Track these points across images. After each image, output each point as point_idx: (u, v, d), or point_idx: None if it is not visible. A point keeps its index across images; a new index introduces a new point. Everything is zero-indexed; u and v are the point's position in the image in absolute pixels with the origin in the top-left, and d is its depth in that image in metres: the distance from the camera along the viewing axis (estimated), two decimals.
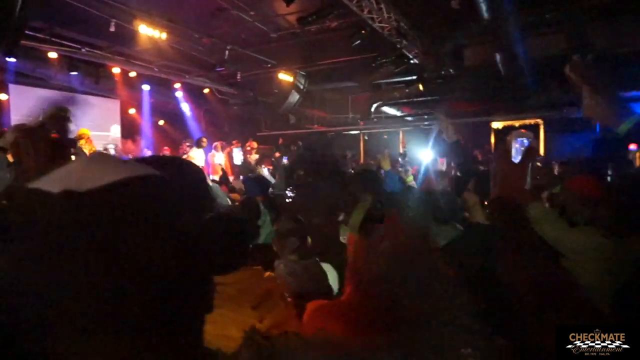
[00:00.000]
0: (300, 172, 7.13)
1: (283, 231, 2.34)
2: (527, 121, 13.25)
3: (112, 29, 8.22)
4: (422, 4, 8.01)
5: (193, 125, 14.63)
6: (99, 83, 11.15)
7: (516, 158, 1.16)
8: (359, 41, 8.81)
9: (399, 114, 14.54)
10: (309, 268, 2.05)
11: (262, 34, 9.67)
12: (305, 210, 3.18)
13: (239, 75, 12.25)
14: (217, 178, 7.99)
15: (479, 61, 9.79)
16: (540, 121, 13.05)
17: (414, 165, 8.58)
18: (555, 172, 6.42)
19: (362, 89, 12.71)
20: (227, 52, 10.50)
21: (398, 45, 9.01)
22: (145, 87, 12.41)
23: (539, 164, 6.26)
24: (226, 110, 14.84)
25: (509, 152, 1.16)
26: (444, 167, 6.46)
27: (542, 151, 12.75)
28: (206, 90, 13.44)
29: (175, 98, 13.63)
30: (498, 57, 8.50)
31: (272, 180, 6.70)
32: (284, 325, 1.39)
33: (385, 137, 15.80)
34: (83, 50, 9.43)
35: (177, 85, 12.89)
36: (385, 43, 9.01)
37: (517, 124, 13.49)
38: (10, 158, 2.57)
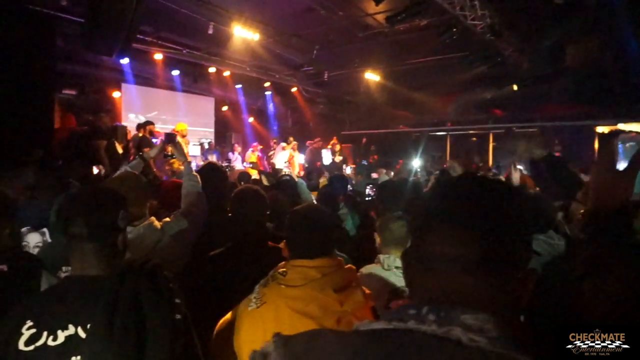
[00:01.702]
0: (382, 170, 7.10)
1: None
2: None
3: (210, 31, 8.78)
4: None
5: (280, 123, 15.19)
6: (197, 82, 11.98)
7: (621, 165, 1.04)
8: (448, 39, 8.51)
9: (488, 116, 13.84)
10: None
11: (349, 34, 9.74)
12: (383, 207, 3.18)
13: (325, 74, 12.46)
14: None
15: (583, 59, 8.98)
16: None
17: (504, 173, 8.13)
18: None
19: (450, 89, 12.28)
20: (314, 52, 10.73)
21: (491, 44, 8.59)
22: (238, 86, 13.10)
23: None
24: (312, 108, 15.17)
25: (612, 157, 1.01)
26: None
27: None
28: (293, 89, 13.84)
29: (264, 96, 14.22)
30: (606, 53, 7.74)
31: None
32: (360, 313, 1.43)
33: (474, 139, 15.13)
34: (184, 51, 10.19)
35: (267, 84, 13.43)
36: (477, 41, 8.63)
37: (627, 128, 12.18)
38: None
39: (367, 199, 5.08)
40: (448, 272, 0.66)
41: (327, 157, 12.26)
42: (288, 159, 11.42)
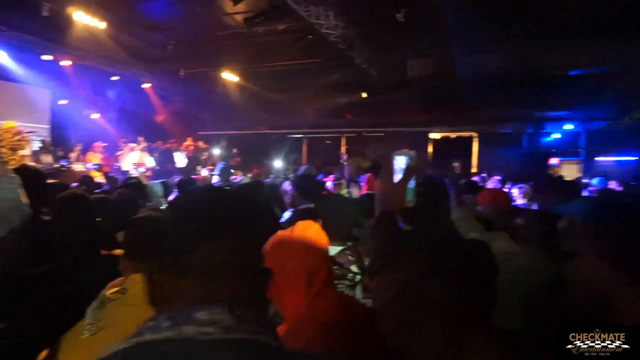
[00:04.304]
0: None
1: None
2: (462, 133, 13.99)
3: (45, 13, 7.70)
4: (371, 14, 8.19)
5: (130, 121, 13.98)
6: (29, 70, 10.38)
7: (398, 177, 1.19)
8: (305, 45, 8.84)
9: (341, 120, 14.79)
10: None
11: (208, 31, 9.46)
12: None
13: (182, 71, 11.89)
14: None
15: (423, 73, 10.16)
16: (474, 134, 13.80)
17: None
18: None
19: (307, 93, 12.77)
20: (169, 47, 10.18)
21: (344, 52, 9.16)
22: (80, 78, 11.67)
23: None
24: (167, 106, 14.33)
25: (390, 171, 1.21)
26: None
27: (474, 163, 13.50)
28: (146, 85, 12.91)
29: (113, 91, 12.96)
30: (441, 70, 8.89)
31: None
32: None
33: (328, 142, 15.98)
34: (12, 34, 8.74)
35: (115, 78, 12.26)
36: (334, 49, 9.13)
37: (453, 135, 14.18)
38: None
39: None
40: (201, 279, 0.70)
41: (180, 160, 11.64)
42: (138, 161, 10.56)
